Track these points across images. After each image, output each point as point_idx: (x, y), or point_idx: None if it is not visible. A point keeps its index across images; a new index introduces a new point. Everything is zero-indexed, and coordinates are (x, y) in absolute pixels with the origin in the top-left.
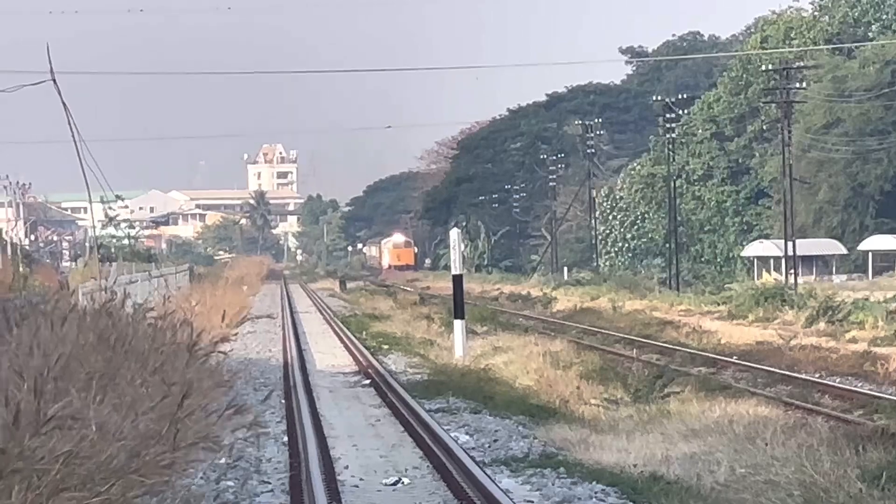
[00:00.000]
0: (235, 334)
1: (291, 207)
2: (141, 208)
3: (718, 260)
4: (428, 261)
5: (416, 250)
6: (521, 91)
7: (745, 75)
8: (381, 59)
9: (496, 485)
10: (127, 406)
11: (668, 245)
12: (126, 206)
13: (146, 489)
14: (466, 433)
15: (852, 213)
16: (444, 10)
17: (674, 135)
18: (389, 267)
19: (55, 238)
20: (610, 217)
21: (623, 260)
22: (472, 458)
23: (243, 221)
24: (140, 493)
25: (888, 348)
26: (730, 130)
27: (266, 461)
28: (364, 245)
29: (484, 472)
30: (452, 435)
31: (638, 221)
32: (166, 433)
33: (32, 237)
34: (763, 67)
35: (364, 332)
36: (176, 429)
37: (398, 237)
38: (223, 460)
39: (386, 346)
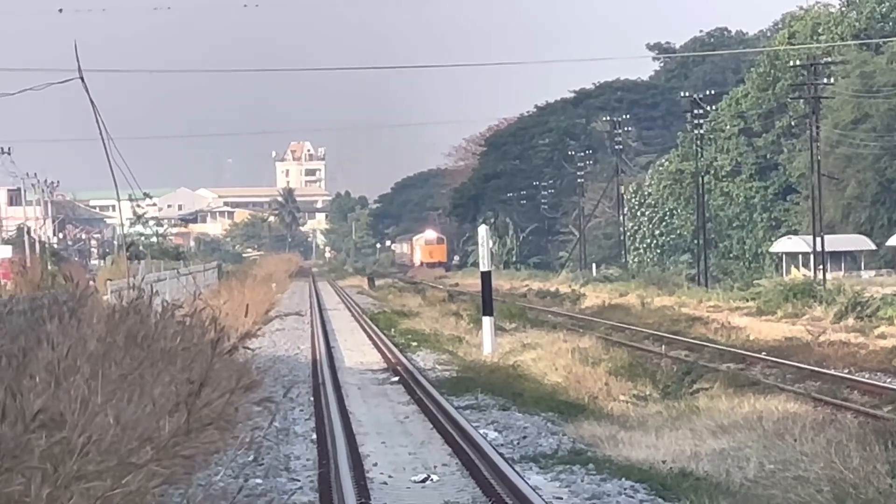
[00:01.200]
0: (263, 332)
1: (319, 205)
2: (169, 206)
3: (747, 256)
4: (456, 258)
5: (447, 247)
6: (549, 87)
7: (772, 71)
8: (410, 56)
9: (525, 481)
10: (153, 402)
11: (696, 241)
12: (154, 204)
13: (165, 479)
14: (495, 430)
15: (881, 208)
16: (470, 7)
17: (702, 131)
18: (421, 264)
19: (83, 236)
20: (638, 213)
21: (651, 256)
22: (501, 454)
23: (271, 219)
24: (159, 483)
25: None
26: (758, 126)
27: (295, 458)
28: (394, 242)
29: (513, 468)
30: (481, 432)
31: (666, 218)
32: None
33: (61, 235)
34: (791, 63)
35: (392, 329)
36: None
37: (430, 233)
38: (251, 457)
39: (415, 343)
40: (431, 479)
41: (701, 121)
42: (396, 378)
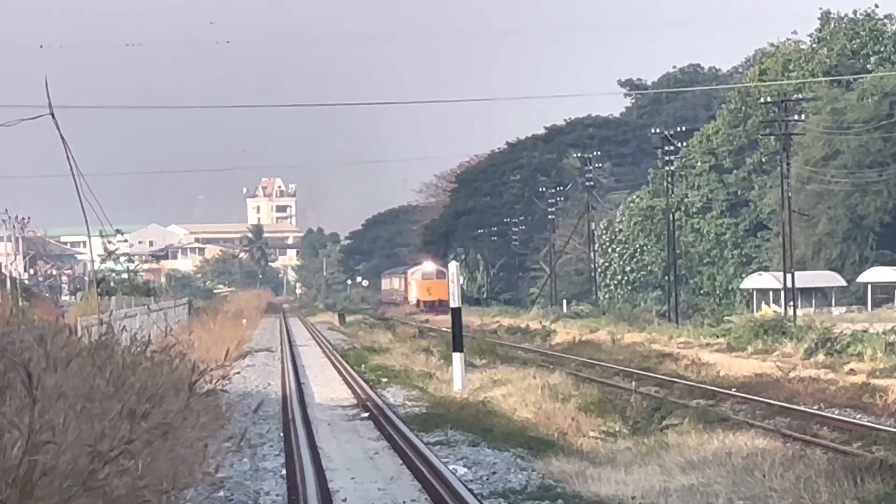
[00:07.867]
0: (234, 369)
1: (291, 241)
2: (140, 242)
3: (717, 292)
4: None
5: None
6: (520, 124)
7: (743, 108)
8: (381, 94)
9: None
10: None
11: (667, 277)
12: (125, 240)
13: None
14: (465, 466)
15: (851, 245)
16: (442, 45)
17: (673, 167)
18: (418, 303)
19: (54, 272)
20: (609, 250)
21: (622, 292)
22: (471, 490)
23: (242, 255)
24: None
25: (887, 380)
26: (729, 163)
27: (264, 494)
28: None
29: None
30: (451, 468)
31: (637, 254)
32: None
33: (31, 271)
34: (762, 100)
35: (363, 366)
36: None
37: (428, 265)
38: (221, 493)
39: (385, 380)
40: None
41: (672, 157)
42: (366, 414)
